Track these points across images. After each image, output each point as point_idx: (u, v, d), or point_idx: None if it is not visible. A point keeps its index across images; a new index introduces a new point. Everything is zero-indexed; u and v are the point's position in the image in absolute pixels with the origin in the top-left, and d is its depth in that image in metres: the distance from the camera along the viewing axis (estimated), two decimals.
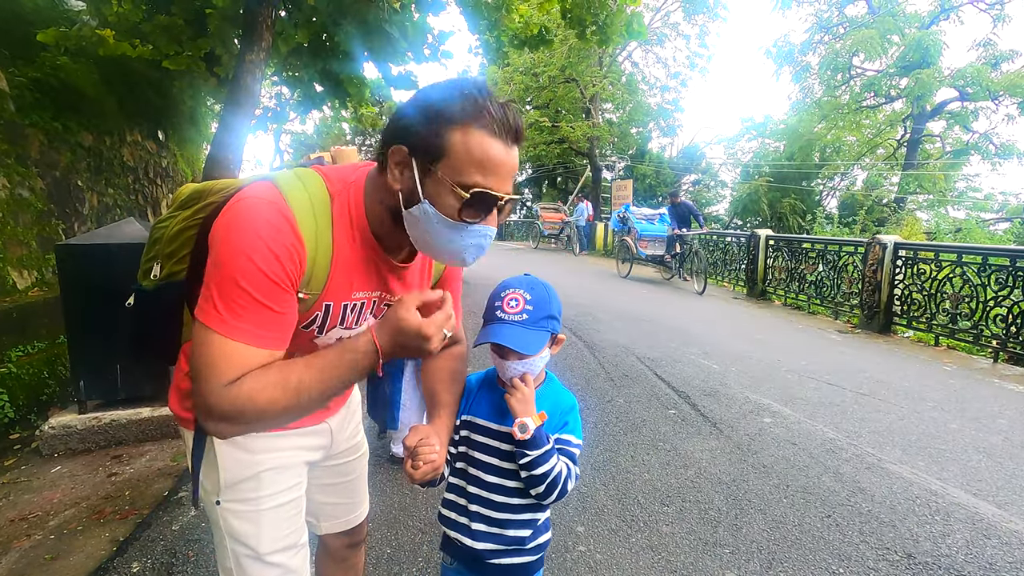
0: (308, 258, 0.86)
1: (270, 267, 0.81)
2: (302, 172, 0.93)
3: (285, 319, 0.86)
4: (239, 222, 0.82)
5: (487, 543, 1.14)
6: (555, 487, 1.08)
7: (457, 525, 1.17)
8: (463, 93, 0.84)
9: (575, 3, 6.90)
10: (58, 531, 2.35)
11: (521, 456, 1.07)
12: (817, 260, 8.07)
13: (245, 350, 0.82)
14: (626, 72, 24.77)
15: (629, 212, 11.59)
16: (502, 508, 1.14)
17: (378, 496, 2.56)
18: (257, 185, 0.87)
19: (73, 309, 3.04)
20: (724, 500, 2.60)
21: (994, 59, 18.03)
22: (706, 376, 4.42)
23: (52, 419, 3.14)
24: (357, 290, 0.97)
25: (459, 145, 0.83)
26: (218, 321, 0.81)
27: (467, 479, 1.17)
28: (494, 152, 0.84)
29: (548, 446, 1.08)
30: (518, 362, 1.10)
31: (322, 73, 6.96)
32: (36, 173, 4.66)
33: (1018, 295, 5.24)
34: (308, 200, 0.88)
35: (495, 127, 0.84)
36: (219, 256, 0.81)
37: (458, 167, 0.84)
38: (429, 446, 1.00)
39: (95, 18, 5.72)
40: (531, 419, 1.06)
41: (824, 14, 21.75)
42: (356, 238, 0.93)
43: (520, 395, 1.09)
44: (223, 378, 0.80)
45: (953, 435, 3.38)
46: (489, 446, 1.15)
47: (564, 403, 1.18)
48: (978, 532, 2.35)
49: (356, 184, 0.94)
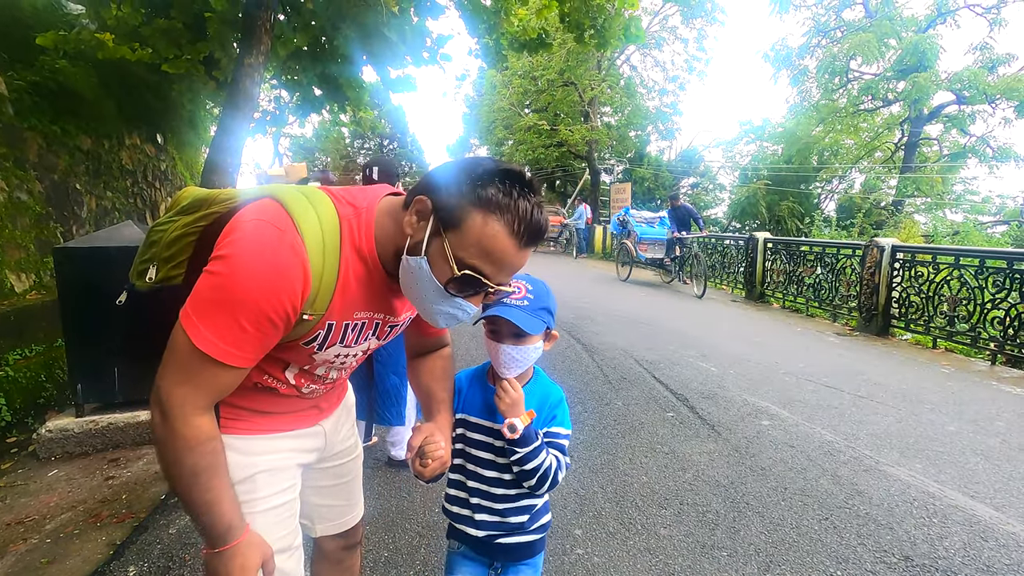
0: (313, 284, 0.88)
1: (271, 306, 0.84)
2: (310, 192, 0.94)
3: (266, 342, 0.89)
4: (250, 251, 0.83)
5: (490, 530, 1.20)
6: (546, 479, 1.14)
7: (461, 517, 1.23)
8: (504, 181, 0.87)
9: (573, 7, 6.93)
10: (54, 535, 2.34)
11: (511, 453, 1.13)
12: (815, 263, 8.08)
13: (214, 365, 0.85)
14: (624, 76, 24.85)
15: (629, 215, 11.62)
16: (501, 499, 1.20)
17: (375, 499, 2.56)
18: (267, 206, 0.88)
19: (71, 312, 3.04)
20: (722, 503, 2.60)
21: (991, 63, 18.09)
22: (704, 379, 4.42)
23: (49, 422, 3.14)
24: (359, 310, 0.99)
25: (475, 227, 0.86)
26: (197, 333, 0.83)
27: (466, 474, 1.23)
28: (502, 247, 0.87)
29: (537, 443, 1.13)
30: (513, 347, 1.13)
31: (321, 76, 6.99)
32: (34, 176, 4.66)
33: (1015, 297, 5.25)
34: (318, 224, 0.89)
35: (515, 225, 0.86)
36: (222, 279, 0.83)
37: (464, 244, 0.87)
38: (435, 443, 1.05)
39: (94, 22, 5.73)
40: (519, 420, 1.11)
41: (821, 18, 21.83)
42: (362, 262, 0.96)
43: (508, 398, 1.13)
44: (186, 384, 0.85)
45: (951, 437, 3.38)
46: (483, 442, 1.21)
47: (552, 397, 1.23)
48: (975, 534, 2.35)
49: (368, 210, 0.97)
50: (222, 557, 0.92)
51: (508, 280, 0.96)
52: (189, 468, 0.87)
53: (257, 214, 0.87)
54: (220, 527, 0.91)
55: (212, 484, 0.89)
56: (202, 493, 0.89)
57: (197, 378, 0.85)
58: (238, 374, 0.90)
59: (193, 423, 0.86)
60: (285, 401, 1.08)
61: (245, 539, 0.94)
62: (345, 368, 1.13)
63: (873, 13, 19.91)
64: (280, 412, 1.09)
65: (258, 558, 0.96)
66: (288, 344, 0.95)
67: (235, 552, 0.92)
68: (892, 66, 19.09)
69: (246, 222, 0.86)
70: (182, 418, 0.86)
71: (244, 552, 0.93)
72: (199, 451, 0.87)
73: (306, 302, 0.89)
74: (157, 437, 0.88)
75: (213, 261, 0.84)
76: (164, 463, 0.89)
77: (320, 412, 1.19)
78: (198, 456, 0.87)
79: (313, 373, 1.07)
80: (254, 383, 1.01)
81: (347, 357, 1.06)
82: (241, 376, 0.91)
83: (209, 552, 0.92)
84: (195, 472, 0.87)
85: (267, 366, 0.99)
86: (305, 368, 1.05)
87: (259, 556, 0.96)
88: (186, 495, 0.89)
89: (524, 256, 0.91)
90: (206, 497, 0.89)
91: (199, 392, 0.86)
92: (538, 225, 0.89)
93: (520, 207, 0.86)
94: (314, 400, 1.15)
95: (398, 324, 1.10)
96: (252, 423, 1.05)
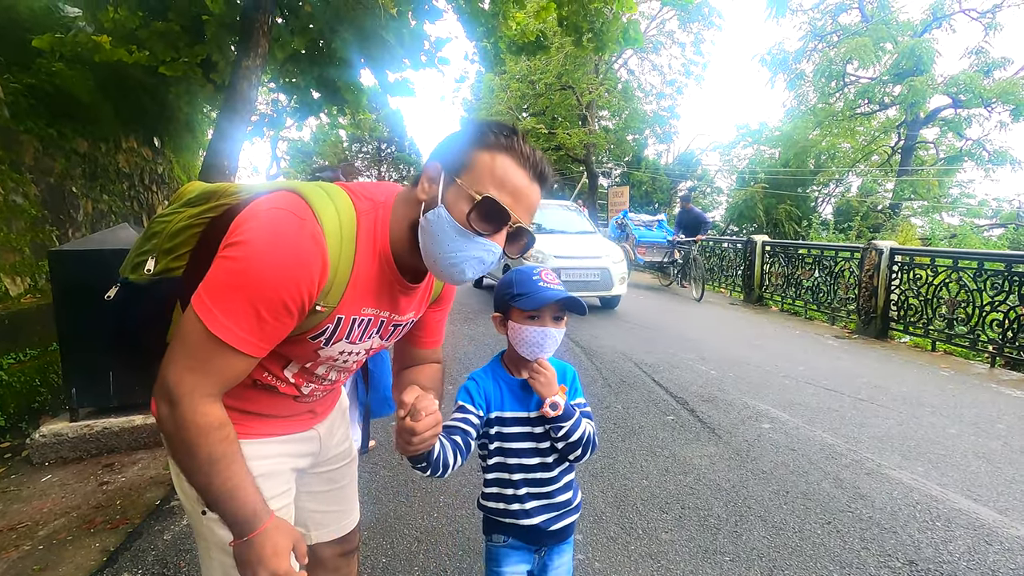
0: (329, 275, 0.88)
1: (290, 294, 0.83)
2: (328, 187, 0.94)
3: (280, 331, 0.87)
4: (271, 237, 0.82)
5: (542, 515, 1.24)
6: (589, 445, 1.22)
7: (509, 512, 1.25)
8: (499, 128, 0.93)
9: (572, 11, 6.94)
10: (47, 541, 2.31)
11: (557, 430, 1.19)
12: (813, 266, 8.09)
13: (228, 352, 0.83)
14: (622, 79, 24.93)
15: (628, 219, 11.63)
16: (547, 482, 1.25)
17: (372, 504, 2.53)
18: (286, 196, 0.88)
19: (66, 316, 3.01)
20: (723, 507, 2.57)
21: (986, 67, 18.17)
22: (704, 382, 4.40)
23: (43, 427, 3.10)
24: (367, 306, 0.97)
25: (484, 162, 0.90)
26: (212, 319, 0.81)
27: (509, 469, 1.25)
28: (515, 176, 0.91)
29: (576, 414, 1.21)
30: (557, 330, 1.20)
31: (319, 80, 6.98)
32: (30, 179, 4.63)
33: (1014, 300, 5.25)
34: (336, 216, 0.89)
35: (521, 160, 0.92)
36: (241, 263, 0.81)
37: (478, 179, 0.90)
38: (428, 399, 0.98)
39: (91, 24, 5.73)
40: (558, 396, 1.17)
41: (818, 22, 21.90)
42: (376, 256, 0.95)
43: (543, 378, 1.18)
44: (197, 371, 0.83)
45: (952, 440, 3.36)
46: (521, 434, 1.24)
47: (568, 373, 1.31)
48: (980, 538, 2.33)
49: (385, 205, 0.98)
50: (252, 545, 0.88)
51: (528, 220, 0.94)
52: (205, 456, 0.84)
53: (275, 203, 0.86)
54: (246, 513, 0.87)
55: (232, 471, 0.86)
56: (223, 481, 0.85)
57: (208, 365, 0.83)
58: (249, 363, 0.87)
59: (204, 410, 0.83)
60: (280, 404, 1.06)
61: (272, 523, 0.91)
62: (345, 370, 1.11)
63: (869, 17, 20.01)
64: (274, 415, 1.06)
65: (288, 542, 0.92)
66: (295, 338, 0.93)
67: (265, 537, 0.89)
68: (888, 70, 19.17)
69: (264, 211, 0.85)
70: (191, 406, 0.82)
71: (274, 537, 0.90)
72: (214, 438, 0.84)
73: (321, 292, 0.88)
74: (167, 430, 0.85)
75: (229, 247, 0.83)
76: (178, 455, 0.86)
77: (315, 416, 1.17)
78: (214, 443, 0.84)
79: (313, 372, 1.05)
80: (252, 381, 0.98)
81: (349, 355, 1.04)
82: (251, 366, 0.89)
83: (238, 542, 0.89)
84: (212, 460, 0.84)
85: (268, 363, 0.97)
86: (306, 366, 1.02)
87: (289, 540, 0.92)
88: (206, 485, 0.86)
89: (536, 192, 0.94)
90: (228, 485, 0.86)
91: (209, 380, 0.84)
92: (542, 162, 0.93)
93: (522, 146, 0.92)
94: (310, 404, 1.13)
95: (402, 324, 1.09)
96: (244, 426, 1.01)
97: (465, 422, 1.20)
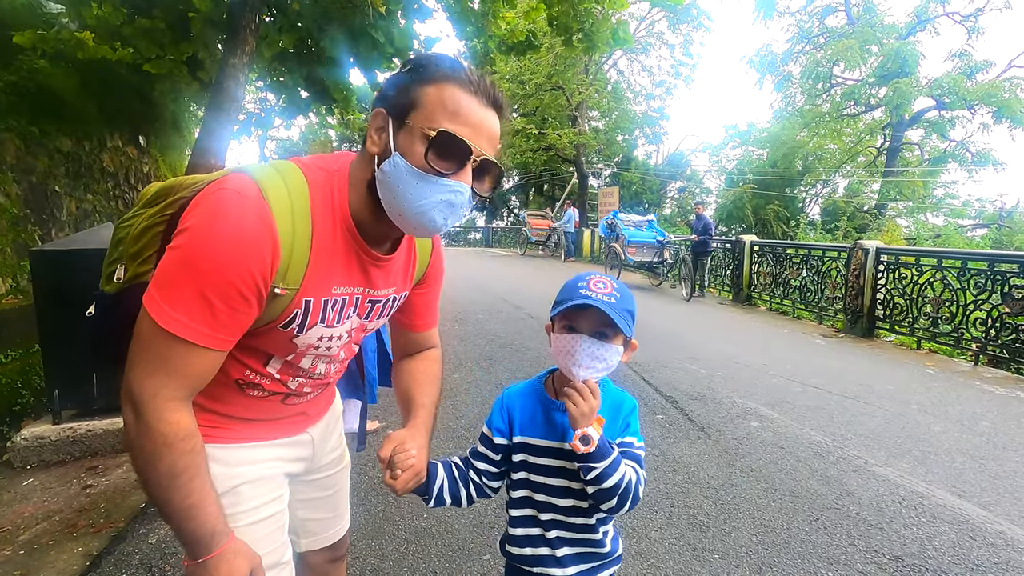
0: (283, 252, 0.82)
1: (239, 277, 0.78)
2: (279, 163, 0.89)
3: (239, 320, 0.82)
4: (212, 219, 0.78)
5: (576, 565, 1.05)
6: (627, 496, 0.97)
7: (540, 559, 1.06)
8: (439, 58, 0.87)
9: (561, 11, 6.95)
10: (28, 546, 2.26)
11: (587, 471, 0.95)
12: (801, 266, 8.17)
13: (184, 347, 0.79)
14: (612, 80, 25.00)
15: (618, 219, 11.65)
16: (582, 528, 1.06)
17: (361, 505, 2.51)
18: (232, 177, 0.83)
19: (47, 317, 2.96)
20: (713, 505, 2.58)
21: (969, 69, 18.50)
22: (693, 381, 4.42)
23: (25, 430, 3.04)
24: (337, 284, 0.92)
25: (432, 96, 0.83)
26: (162, 313, 0.77)
27: (536, 506, 1.06)
28: (467, 104, 0.84)
29: (614, 455, 0.97)
30: (595, 344, 0.97)
31: (308, 79, 6.93)
32: (12, 178, 4.54)
33: (997, 299, 5.33)
34: (285, 189, 0.84)
35: (471, 87, 0.85)
36: (184, 251, 0.77)
37: (430, 114, 0.83)
38: (405, 452, 0.96)
39: (74, 21, 5.63)
40: (592, 428, 0.95)
41: (805, 24, 22.17)
42: (337, 228, 0.90)
43: (584, 406, 0.95)
44: (157, 373, 0.79)
45: (937, 437, 3.40)
46: (552, 468, 1.05)
47: (625, 405, 1.08)
48: (964, 533, 2.36)
49: (340, 172, 0.92)
50: (207, 567, 0.83)
51: (491, 150, 0.88)
52: (166, 469, 0.79)
53: (219, 185, 0.82)
54: (203, 534, 0.82)
55: (193, 486, 0.81)
56: (182, 497, 0.80)
57: (167, 365, 0.78)
58: (212, 358, 0.82)
59: (168, 417, 0.79)
60: (270, 407, 1.02)
61: (231, 546, 0.85)
62: (332, 359, 1.05)
63: (855, 20, 20.28)
64: (264, 419, 1.03)
65: (246, 566, 0.86)
66: (264, 328, 0.88)
67: (221, 560, 0.83)
68: (874, 72, 19.44)
69: (209, 195, 0.81)
70: (155, 412, 0.78)
71: (231, 560, 0.84)
72: (177, 449, 0.79)
73: (277, 273, 0.82)
74: (130, 439, 0.80)
75: (175, 237, 0.79)
76: (138, 465, 0.81)
77: (307, 418, 1.12)
78: (176, 455, 0.79)
79: (298, 366, 0.99)
80: (235, 380, 0.95)
81: (331, 340, 0.98)
82: (217, 361, 0.84)
83: (191, 563, 0.84)
84: (173, 473, 0.79)
85: (247, 359, 0.93)
86: (288, 359, 0.97)
87: (247, 564, 0.87)
88: (164, 500, 0.80)
89: (493, 118, 0.88)
90: (186, 502, 0.81)
91: (171, 381, 0.79)
92: (493, 87, 0.87)
93: (466, 72, 0.85)
94: (301, 406, 1.09)
95: (380, 300, 1.02)
96: (234, 431, 0.98)
97: (482, 459, 1.09)
